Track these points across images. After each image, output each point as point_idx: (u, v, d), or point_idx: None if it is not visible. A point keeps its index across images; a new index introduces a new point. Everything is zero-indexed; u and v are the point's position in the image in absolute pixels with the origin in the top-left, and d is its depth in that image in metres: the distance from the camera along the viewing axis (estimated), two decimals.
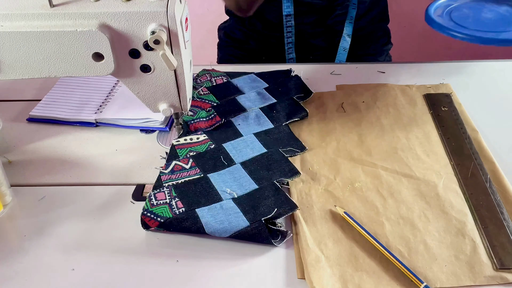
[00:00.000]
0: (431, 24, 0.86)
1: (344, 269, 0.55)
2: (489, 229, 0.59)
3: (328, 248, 0.58)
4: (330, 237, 0.59)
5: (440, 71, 0.92)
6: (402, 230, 0.60)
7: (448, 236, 0.59)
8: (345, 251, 0.57)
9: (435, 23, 0.86)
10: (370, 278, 0.54)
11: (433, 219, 0.61)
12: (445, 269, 0.55)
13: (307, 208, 0.63)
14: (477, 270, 0.55)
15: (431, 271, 0.55)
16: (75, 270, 0.57)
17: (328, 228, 0.60)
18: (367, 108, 0.81)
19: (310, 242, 0.58)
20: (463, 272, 0.55)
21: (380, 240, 0.58)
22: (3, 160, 0.73)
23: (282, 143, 0.73)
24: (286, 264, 0.57)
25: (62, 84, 0.89)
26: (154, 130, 0.79)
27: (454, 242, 0.58)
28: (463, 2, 0.92)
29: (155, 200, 0.63)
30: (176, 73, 0.65)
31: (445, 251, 0.57)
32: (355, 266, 0.56)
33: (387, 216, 0.62)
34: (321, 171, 0.69)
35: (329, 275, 0.54)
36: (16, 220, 0.64)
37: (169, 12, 0.59)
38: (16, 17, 0.59)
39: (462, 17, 0.87)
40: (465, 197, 0.64)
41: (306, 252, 0.57)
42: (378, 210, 0.62)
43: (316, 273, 0.54)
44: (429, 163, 0.70)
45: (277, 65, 0.93)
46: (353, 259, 0.56)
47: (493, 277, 0.54)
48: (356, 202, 0.64)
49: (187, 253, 0.59)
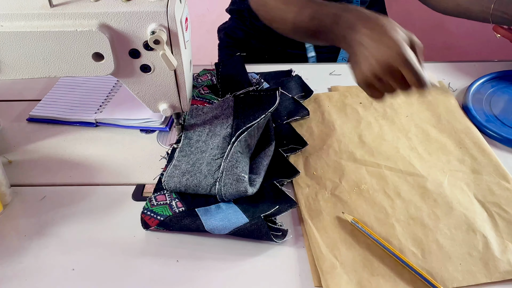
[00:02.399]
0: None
1: (361, 275, 0.55)
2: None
3: (341, 254, 0.57)
4: (342, 242, 0.58)
5: (440, 71, 0.92)
6: (413, 231, 0.60)
7: (459, 233, 0.59)
8: (359, 256, 0.57)
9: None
10: (387, 282, 0.54)
11: (443, 216, 0.61)
12: (460, 267, 0.55)
13: (316, 215, 0.62)
14: (491, 266, 0.55)
15: (446, 271, 0.55)
16: (75, 270, 0.57)
17: (340, 233, 0.60)
18: (364, 109, 0.81)
19: (324, 249, 0.57)
20: (478, 270, 0.55)
21: (393, 242, 0.58)
22: (3, 160, 0.73)
23: (283, 140, 0.73)
24: (286, 263, 0.57)
25: (62, 84, 0.89)
26: (154, 130, 0.79)
27: (466, 239, 0.58)
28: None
29: (155, 201, 0.63)
30: (176, 73, 0.65)
31: (458, 248, 0.57)
32: (371, 271, 0.55)
33: (396, 218, 0.61)
34: (325, 175, 0.68)
35: (346, 282, 0.54)
36: (16, 220, 0.64)
37: (169, 12, 0.59)
38: (16, 17, 0.59)
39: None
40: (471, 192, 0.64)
41: (320, 260, 0.56)
42: (387, 212, 0.62)
43: (333, 280, 0.54)
44: (432, 160, 0.70)
45: (277, 65, 0.93)
46: (368, 263, 0.56)
47: (509, 272, 0.54)
48: (365, 205, 0.63)
49: (187, 253, 0.59)
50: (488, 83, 0.85)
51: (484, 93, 0.83)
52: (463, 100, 0.81)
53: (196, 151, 0.69)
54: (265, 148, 0.70)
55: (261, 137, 0.72)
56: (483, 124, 0.75)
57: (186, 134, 0.73)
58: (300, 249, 0.59)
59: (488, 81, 0.85)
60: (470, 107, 0.79)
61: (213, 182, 0.64)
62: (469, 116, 0.78)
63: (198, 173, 0.65)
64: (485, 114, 0.78)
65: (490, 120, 0.77)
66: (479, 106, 0.80)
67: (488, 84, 0.84)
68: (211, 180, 0.64)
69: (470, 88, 0.83)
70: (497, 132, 0.74)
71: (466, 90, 0.83)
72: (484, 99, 0.82)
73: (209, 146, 0.70)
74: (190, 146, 0.70)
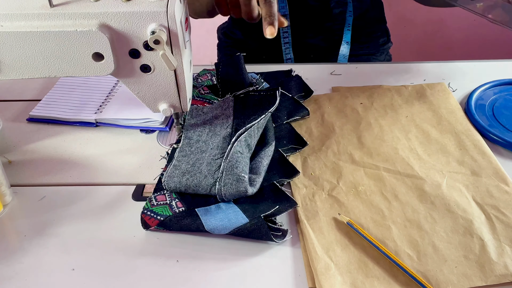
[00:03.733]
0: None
1: (355, 276, 0.55)
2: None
3: (337, 255, 0.57)
4: (338, 243, 0.58)
5: (440, 71, 0.92)
6: (409, 233, 0.59)
7: (456, 236, 0.59)
8: (354, 258, 0.57)
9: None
10: (381, 284, 0.54)
11: (440, 219, 0.61)
12: (455, 270, 0.55)
13: (312, 215, 0.62)
14: (488, 269, 0.55)
15: (441, 273, 0.55)
16: (75, 270, 0.57)
17: (335, 234, 0.60)
18: (365, 109, 0.81)
19: (319, 250, 0.57)
20: (474, 273, 0.55)
21: (388, 244, 0.58)
22: (3, 160, 0.73)
23: (283, 140, 0.73)
24: (285, 263, 0.57)
25: (62, 84, 0.89)
26: (154, 130, 0.79)
27: (462, 242, 0.58)
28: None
29: (155, 201, 0.63)
30: (176, 73, 0.65)
31: (454, 251, 0.57)
32: (366, 272, 0.55)
33: (393, 220, 0.61)
34: (323, 176, 0.68)
35: (340, 283, 0.54)
36: (16, 220, 0.64)
37: (169, 12, 0.59)
38: (16, 17, 0.59)
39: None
40: (470, 194, 0.64)
41: (315, 260, 0.56)
42: (383, 213, 0.62)
43: (327, 281, 0.54)
44: (430, 162, 0.70)
45: (277, 65, 0.93)
46: (363, 265, 0.56)
47: (505, 276, 0.54)
48: (361, 206, 0.63)
49: (187, 253, 0.59)
50: (491, 90, 0.85)
51: (487, 98, 0.83)
52: (466, 104, 0.81)
53: (196, 151, 0.69)
54: (265, 148, 0.70)
55: (261, 137, 0.72)
56: (486, 128, 0.75)
57: (186, 134, 0.73)
58: (298, 250, 0.59)
59: (491, 87, 0.86)
60: (473, 112, 0.79)
61: (213, 182, 0.64)
62: (471, 121, 0.78)
63: (198, 173, 0.65)
64: (488, 119, 0.78)
65: (493, 125, 0.77)
66: (482, 111, 0.80)
67: (491, 91, 0.85)
68: (211, 180, 0.64)
69: (473, 93, 0.83)
70: (500, 137, 0.74)
71: (469, 95, 0.83)
72: (487, 104, 0.82)
73: (209, 146, 0.70)
74: (190, 146, 0.70)
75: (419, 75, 0.91)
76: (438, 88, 0.85)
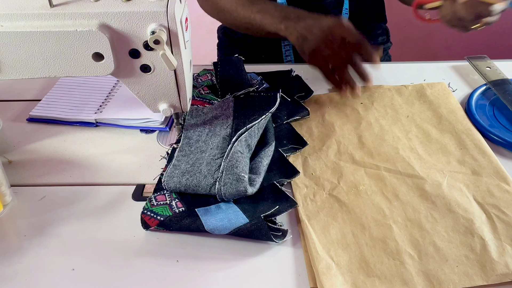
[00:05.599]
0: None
1: (356, 276, 0.55)
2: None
3: (338, 255, 0.57)
4: (339, 243, 0.58)
5: (440, 71, 0.92)
6: (410, 233, 0.59)
7: (457, 235, 0.59)
8: (355, 257, 0.57)
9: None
10: (383, 284, 0.54)
11: (440, 219, 0.61)
12: (456, 269, 0.55)
13: (313, 215, 0.62)
14: (489, 268, 0.55)
15: (443, 273, 0.55)
16: (75, 270, 0.57)
17: (336, 234, 0.60)
18: (365, 109, 0.81)
19: (320, 250, 0.57)
20: (475, 272, 0.55)
21: (389, 244, 0.58)
22: (3, 160, 0.73)
23: (283, 140, 0.73)
24: (285, 263, 0.57)
25: (62, 84, 0.89)
26: (154, 130, 0.79)
27: (463, 241, 0.58)
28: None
29: (155, 201, 0.63)
30: (176, 73, 0.65)
31: (455, 251, 0.57)
32: (367, 272, 0.55)
33: (394, 219, 0.61)
34: (324, 176, 0.68)
35: (341, 283, 0.54)
36: (16, 220, 0.64)
37: (169, 12, 0.59)
38: (16, 17, 0.59)
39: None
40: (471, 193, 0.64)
41: (316, 260, 0.56)
42: (384, 213, 0.62)
43: (328, 281, 0.54)
44: (431, 162, 0.70)
45: (277, 65, 0.93)
46: (364, 265, 0.56)
47: (506, 275, 0.54)
48: (362, 206, 0.63)
49: (187, 253, 0.59)
50: (491, 90, 0.85)
51: (487, 98, 0.83)
52: (466, 104, 0.81)
53: (196, 151, 0.69)
54: (265, 148, 0.70)
55: (261, 137, 0.72)
56: (487, 128, 0.75)
57: (186, 134, 0.73)
58: (299, 249, 0.59)
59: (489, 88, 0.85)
60: (474, 112, 0.79)
61: (213, 182, 0.64)
62: (472, 121, 0.78)
63: (198, 173, 0.65)
64: (489, 118, 0.78)
65: (493, 125, 0.77)
66: (483, 111, 0.80)
67: (491, 91, 0.84)
68: (211, 180, 0.64)
69: (474, 93, 0.83)
70: (501, 137, 0.73)
71: (470, 94, 0.83)
72: (488, 104, 0.81)
73: (209, 146, 0.70)
74: (190, 146, 0.70)
75: (419, 75, 0.91)
76: (438, 88, 0.85)
